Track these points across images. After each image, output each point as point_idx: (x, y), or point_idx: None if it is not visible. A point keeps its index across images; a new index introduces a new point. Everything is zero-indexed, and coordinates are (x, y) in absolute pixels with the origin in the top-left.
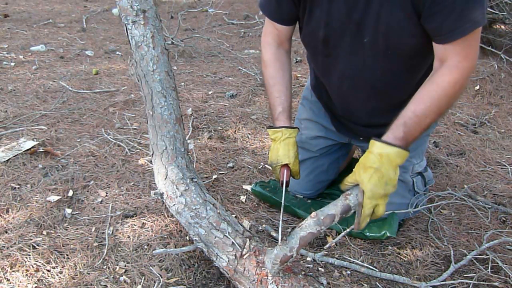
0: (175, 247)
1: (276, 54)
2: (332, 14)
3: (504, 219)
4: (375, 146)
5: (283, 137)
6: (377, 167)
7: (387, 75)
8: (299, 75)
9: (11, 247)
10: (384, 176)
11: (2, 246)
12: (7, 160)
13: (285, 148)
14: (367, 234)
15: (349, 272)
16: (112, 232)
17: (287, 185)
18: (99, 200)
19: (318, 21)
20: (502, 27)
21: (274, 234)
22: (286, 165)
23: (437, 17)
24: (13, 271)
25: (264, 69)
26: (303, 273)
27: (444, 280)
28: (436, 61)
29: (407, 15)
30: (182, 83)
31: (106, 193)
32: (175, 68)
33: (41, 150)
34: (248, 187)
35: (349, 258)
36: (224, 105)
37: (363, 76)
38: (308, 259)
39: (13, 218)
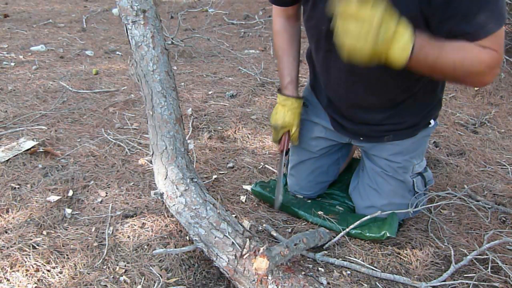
0: (175, 247)
1: (285, 25)
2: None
3: (504, 219)
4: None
5: (292, 105)
6: (379, 16)
7: (386, 74)
8: (299, 75)
9: (11, 247)
10: (375, 27)
11: (2, 246)
12: (7, 160)
13: (292, 116)
14: (367, 234)
15: (349, 272)
16: (112, 232)
17: (286, 153)
18: (99, 200)
19: (322, 14)
20: None
21: (274, 234)
22: (287, 133)
23: (455, 19)
24: (13, 271)
25: (274, 40)
26: (303, 273)
27: (444, 280)
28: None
29: (411, 17)
30: (182, 83)
31: (106, 193)
32: (175, 68)
33: (41, 150)
34: (248, 187)
35: (349, 258)
36: (224, 105)
37: (362, 73)
38: (308, 259)
39: (13, 218)
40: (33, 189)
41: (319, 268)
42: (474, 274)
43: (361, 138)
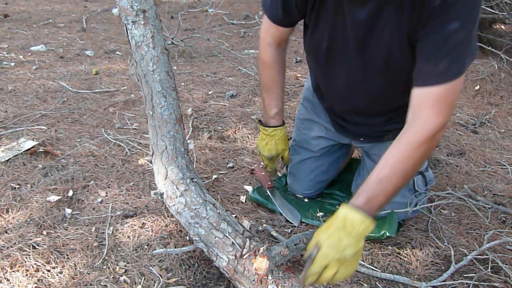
0: (175, 247)
1: (275, 56)
2: (336, 28)
3: (504, 219)
4: (342, 208)
5: (281, 133)
6: (337, 228)
7: (384, 89)
8: (299, 75)
9: (11, 247)
10: (344, 240)
11: (2, 246)
12: (7, 160)
13: (283, 142)
14: None
15: None
16: (112, 232)
17: (272, 187)
18: (99, 200)
19: (322, 33)
20: (502, 27)
21: (274, 234)
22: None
23: (421, 57)
24: (13, 271)
25: (263, 70)
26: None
27: (444, 280)
28: (410, 112)
29: (404, 44)
30: (182, 83)
31: (106, 193)
32: (175, 68)
33: (41, 150)
34: (248, 187)
35: None
36: (224, 105)
37: (361, 88)
38: None
39: (13, 218)
40: (33, 189)
41: None
42: (474, 274)
43: (361, 139)
